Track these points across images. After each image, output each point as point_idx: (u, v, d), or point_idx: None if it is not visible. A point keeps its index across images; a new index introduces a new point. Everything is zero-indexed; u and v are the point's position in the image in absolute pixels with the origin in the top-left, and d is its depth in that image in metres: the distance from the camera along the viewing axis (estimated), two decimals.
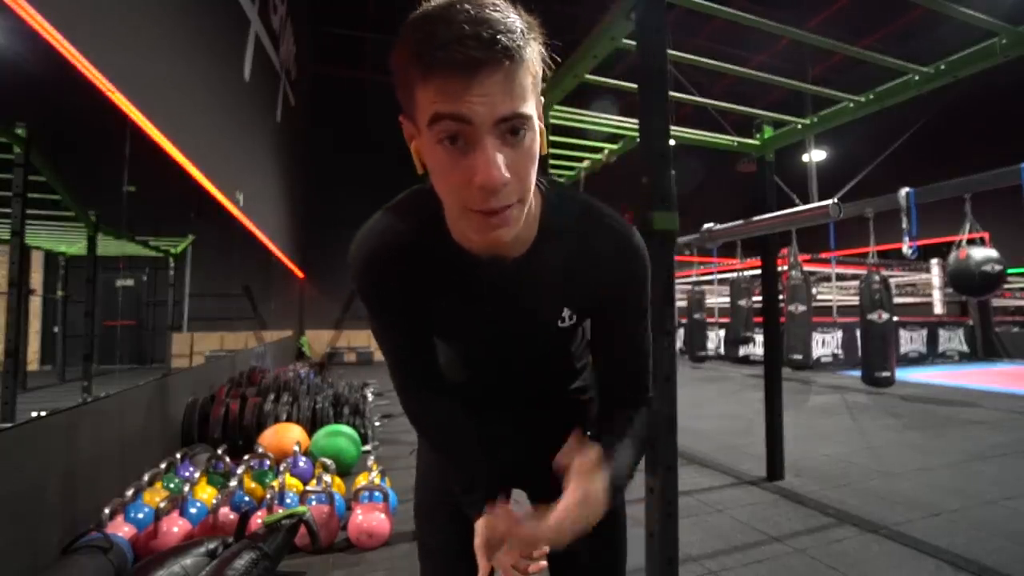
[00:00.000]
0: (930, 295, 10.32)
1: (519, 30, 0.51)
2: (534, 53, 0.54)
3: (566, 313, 0.72)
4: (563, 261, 0.69)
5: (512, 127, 0.52)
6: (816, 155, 11.87)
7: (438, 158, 0.54)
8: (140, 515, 2.00)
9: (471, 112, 0.50)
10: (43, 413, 1.94)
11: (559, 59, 0.61)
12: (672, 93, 2.28)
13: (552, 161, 3.98)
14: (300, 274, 10.00)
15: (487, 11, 0.50)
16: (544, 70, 0.57)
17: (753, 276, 6.63)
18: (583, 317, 0.75)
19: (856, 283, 5.58)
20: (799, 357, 5.08)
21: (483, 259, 0.66)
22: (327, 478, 2.37)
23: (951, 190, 2.98)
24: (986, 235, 3.71)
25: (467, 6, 0.50)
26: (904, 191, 3.18)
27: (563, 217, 0.68)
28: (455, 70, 0.49)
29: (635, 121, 1.74)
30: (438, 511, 0.85)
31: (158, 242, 6.54)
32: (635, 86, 1.61)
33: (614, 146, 3.73)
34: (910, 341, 9.12)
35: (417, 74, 0.51)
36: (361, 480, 2.43)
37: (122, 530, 1.89)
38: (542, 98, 0.58)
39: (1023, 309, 10.34)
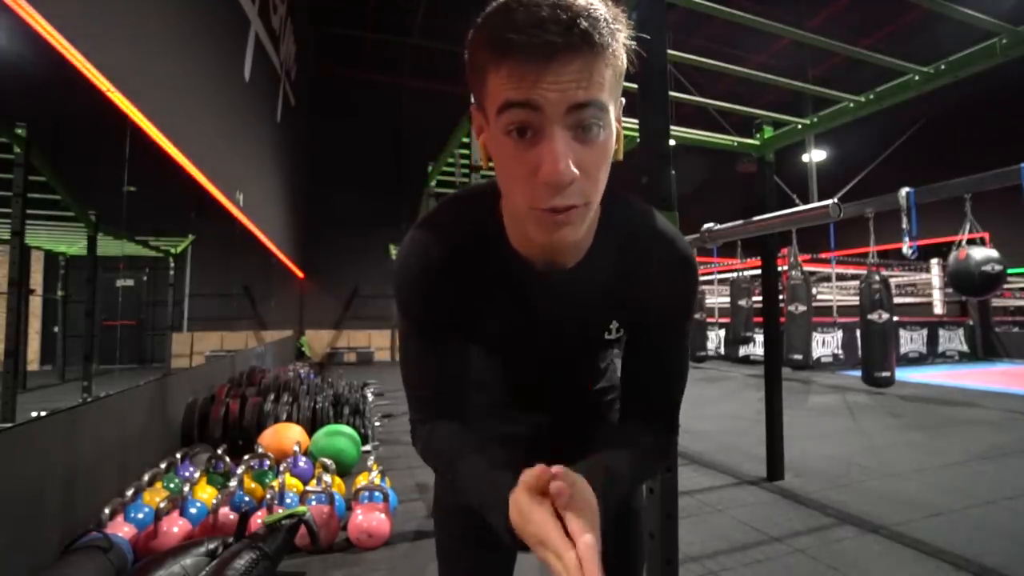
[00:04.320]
0: (930, 295, 10.33)
1: (603, 18, 0.48)
2: (617, 46, 0.50)
3: (614, 326, 0.69)
4: (616, 271, 0.66)
5: (585, 121, 0.49)
6: (816, 155, 11.85)
7: (504, 149, 0.51)
8: (140, 515, 2.00)
9: (542, 99, 0.47)
10: (43, 413, 1.94)
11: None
12: (672, 93, 2.28)
13: None
14: (300, 274, 10.00)
15: None
16: (628, 67, 0.54)
17: (753, 276, 6.63)
18: (628, 329, 0.72)
19: (856, 283, 5.57)
20: (799, 357, 5.07)
21: (536, 267, 0.63)
22: (327, 478, 2.37)
23: (951, 190, 2.97)
24: (986, 235, 3.71)
25: None
26: (904, 191, 3.17)
27: (620, 225, 0.65)
28: (530, 54, 0.46)
29: (635, 121, 1.74)
30: (457, 512, 0.83)
31: (158, 242, 6.55)
32: (635, 86, 1.61)
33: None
34: (910, 341, 9.11)
35: (490, 58, 0.49)
36: (361, 480, 2.43)
37: (122, 530, 1.89)
38: (622, 100, 0.56)
39: (1023, 309, 10.34)
